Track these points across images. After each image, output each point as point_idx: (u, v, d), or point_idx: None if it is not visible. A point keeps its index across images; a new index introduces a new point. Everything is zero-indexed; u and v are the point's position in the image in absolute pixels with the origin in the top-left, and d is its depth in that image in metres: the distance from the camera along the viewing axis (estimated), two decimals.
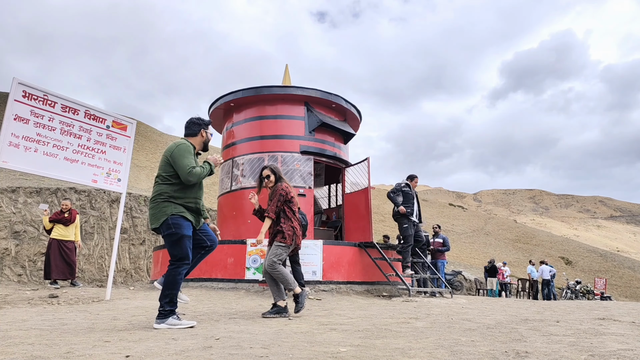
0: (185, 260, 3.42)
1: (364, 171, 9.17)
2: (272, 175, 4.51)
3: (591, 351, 2.25)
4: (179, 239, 3.38)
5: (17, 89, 5.06)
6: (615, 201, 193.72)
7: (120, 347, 2.29)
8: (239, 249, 7.83)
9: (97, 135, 5.80)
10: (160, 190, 3.48)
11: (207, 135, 3.74)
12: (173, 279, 3.35)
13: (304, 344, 2.47)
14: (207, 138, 3.74)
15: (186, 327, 3.24)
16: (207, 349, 2.25)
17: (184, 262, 3.42)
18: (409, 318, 4.09)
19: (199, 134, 3.69)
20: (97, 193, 13.81)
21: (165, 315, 3.27)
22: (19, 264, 11.40)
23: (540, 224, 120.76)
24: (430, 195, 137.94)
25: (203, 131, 3.72)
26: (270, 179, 4.51)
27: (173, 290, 3.35)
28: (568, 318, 4.31)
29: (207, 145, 3.77)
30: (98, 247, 13.13)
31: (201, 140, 3.71)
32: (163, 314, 3.28)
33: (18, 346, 2.27)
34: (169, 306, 3.30)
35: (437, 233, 10.84)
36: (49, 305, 5.07)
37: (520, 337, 2.81)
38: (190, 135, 3.69)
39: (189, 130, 3.70)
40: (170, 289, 3.34)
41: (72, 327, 3.20)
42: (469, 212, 62.12)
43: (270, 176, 4.51)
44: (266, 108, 9.79)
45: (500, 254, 39.78)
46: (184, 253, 3.42)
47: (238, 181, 9.50)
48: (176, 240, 3.38)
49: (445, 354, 2.17)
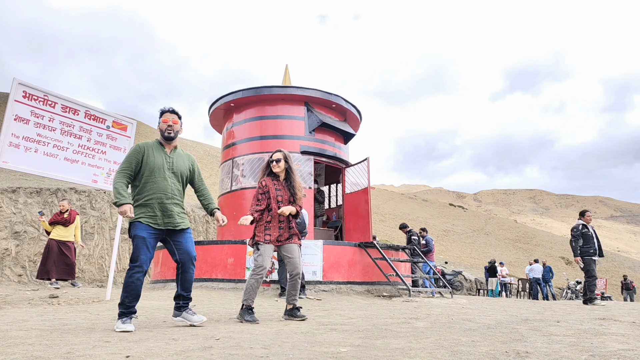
0: (136, 263, 3.21)
1: (364, 171, 9.17)
2: (282, 161, 4.03)
3: (592, 351, 2.24)
4: (132, 238, 3.28)
5: (18, 90, 5.06)
6: (615, 201, 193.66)
7: (121, 347, 2.29)
8: (239, 249, 7.83)
9: (98, 135, 5.80)
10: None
11: (160, 124, 3.52)
12: (125, 282, 3.22)
13: (304, 344, 2.47)
14: (160, 127, 3.52)
15: (120, 330, 3.03)
16: (208, 349, 2.25)
17: (135, 264, 3.22)
18: (409, 318, 4.09)
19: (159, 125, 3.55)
20: (97, 193, 13.81)
21: (119, 316, 3.19)
22: (19, 264, 11.40)
23: (540, 224, 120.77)
24: (430, 196, 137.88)
25: (160, 121, 3.54)
26: (280, 165, 4.02)
27: (125, 293, 3.20)
28: (568, 318, 4.30)
29: (163, 133, 3.51)
30: (98, 247, 13.13)
31: (159, 131, 3.55)
32: (119, 314, 3.21)
33: (18, 346, 2.27)
34: (120, 308, 3.20)
35: (423, 237, 11.27)
36: (49, 305, 5.07)
37: (521, 337, 2.81)
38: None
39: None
40: (124, 292, 3.21)
41: (73, 327, 3.20)
42: (469, 212, 62.12)
43: (281, 161, 4.02)
44: (266, 108, 9.80)
45: (501, 254, 39.78)
46: (134, 255, 3.23)
47: (238, 181, 9.50)
48: (132, 240, 3.30)
49: (446, 354, 2.17)
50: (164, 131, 3.51)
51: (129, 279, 3.20)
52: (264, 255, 3.86)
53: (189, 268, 3.45)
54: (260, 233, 3.94)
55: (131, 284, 3.20)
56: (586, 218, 7.98)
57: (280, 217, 4.00)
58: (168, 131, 3.49)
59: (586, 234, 7.77)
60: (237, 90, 9.97)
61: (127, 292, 3.20)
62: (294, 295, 3.98)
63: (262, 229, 3.96)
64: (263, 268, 3.83)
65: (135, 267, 3.20)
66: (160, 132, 3.54)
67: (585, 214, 8.08)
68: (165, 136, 3.51)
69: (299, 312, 3.94)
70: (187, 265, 3.43)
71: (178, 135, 3.59)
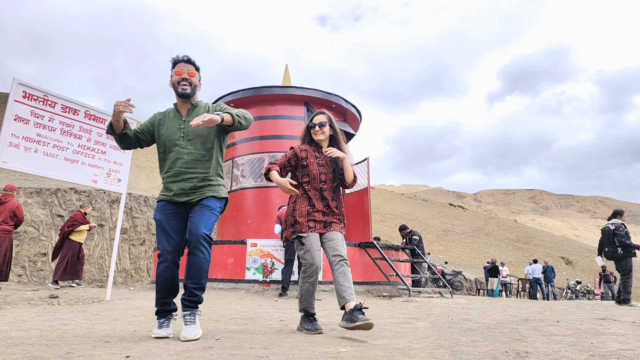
0: (160, 251, 2.72)
1: (364, 171, 9.17)
2: (327, 126, 3.12)
3: (592, 351, 2.24)
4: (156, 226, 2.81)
5: (18, 90, 5.06)
6: (615, 201, 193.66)
7: (121, 347, 2.29)
8: (239, 249, 7.83)
9: (97, 135, 5.80)
10: None
11: (173, 77, 2.83)
12: (156, 275, 2.74)
13: (304, 344, 2.47)
14: (173, 82, 2.83)
15: (155, 336, 2.62)
16: (208, 349, 2.25)
17: (159, 255, 2.74)
18: (410, 318, 4.09)
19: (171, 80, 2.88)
20: (97, 193, 13.81)
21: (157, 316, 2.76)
22: (19, 264, 11.40)
23: (540, 224, 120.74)
24: (430, 196, 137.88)
25: (172, 74, 2.85)
26: (324, 131, 3.11)
27: (156, 287, 2.74)
28: (568, 318, 4.30)
29: (177, 89, 2.81)
30: (98, 247, 13.12)
31: (172, 86, 2.86)
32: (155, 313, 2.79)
33: (18, 347, 2.27)
34: (156, 306, 2.77)
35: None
36: (49, 305, 5.07)
37: (521, 337, 2.81)
38: None
39: None
40: (156, 286, 2.76)
41: (72, 327, 3.20)
42: (469, 212, 62.11)
43: (326, 125, 3.10)
44: (266, 108, 9.80)
45: (501, 254, 39.78)
46: (158, 243, 2.76)
47: (238, 181, 9.50)
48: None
49: (446, 354, 2.16)
50: (177, 86, 2.80)
51: (157, 270, 2.74)
52: (312, 250, 2.92)
53: (194, 249, 2.62)
54: (302, 219, 2.98)
55: (158, 276, 2.71)
56: (624, 218, 8.15)
57: (325, 194, 3.04)
58: (183, 86, 2.80)
59: (628, 232, 7.92)
60: (237, 90, 9.98)
61: (157, 286, 2.74)
62: (348, 289, 2.85)
63: (302, 211, 2.99)
64: (314, 266, 2.91)
65: (159, 256, 2.74)
66: (174, 89, 2.83)
67: (623, 214, 8.24)
68: (179, 92, 2.81)
69: (363, 315, 2.70)
70: (192, 245, 2.63)
71: (197, 91, 2.89)
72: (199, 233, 2.63)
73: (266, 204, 9.08)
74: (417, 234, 10.70)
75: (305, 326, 2.98)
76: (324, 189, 3.04)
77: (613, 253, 7.83)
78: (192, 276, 2.66)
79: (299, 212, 3.00)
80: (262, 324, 3.52)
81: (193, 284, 2.67)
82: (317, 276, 2.96)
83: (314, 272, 2.93)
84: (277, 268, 7.51)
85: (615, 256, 7.83)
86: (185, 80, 2.79)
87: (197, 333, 2.58)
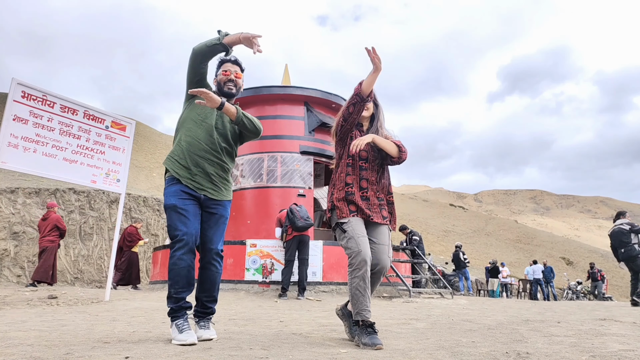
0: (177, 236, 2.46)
1: None
2: (371, 102, 2.82)
3: (592, 352, 2.23)
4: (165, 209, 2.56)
5: (16, 90, 5.05)
6: (616, 201, 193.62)
7: (120, 348, 2.28)
8: (238, 249, 7.82)
9: (96, 135, 5.79)
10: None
11: (219, 76, 2.79)
12: (170, 266, 2.48)
13: (304, 345, 2.46)
14: (219, 80, 2.78)
15: (179, 343, 2.36)
16: (207, 350, 2.24)
17: (174, 240, 2.47)
18: (410, 319, 4.08)
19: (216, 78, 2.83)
20: (96, 194, 13.80)
21: (170, 318, 2.51)
22: (18, 264, 11.39)
23: (541, 225, 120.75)
24: (430, 196, 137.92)
25: (219, 73, 2.81)
26: (369, 107, 2.80)
27: (169, 280, 2.48)
28: (569, 319, 4.29)
29: (222, 88, 2.75)
30: (97, 247, 13.11)
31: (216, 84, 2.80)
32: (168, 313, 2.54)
33: (17, 347, 2.26)
34: (168, 303, 2.51)
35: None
36: (48, 306, 5.06)
37: (521, 337, 2.80)
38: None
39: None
40: (168, 279, 2.49)
41: (72, 328, 3.19)
42: (469, 212, 62.13)
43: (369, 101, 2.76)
44: (266, 108, 9.79)
45: (501, 255, 39.79)
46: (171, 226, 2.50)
47: (237, 181, 9.49)
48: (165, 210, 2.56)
49: (446, 354, 2.15)
50: (223, 85, 2.75)
51: (170, 260, 2.47)
52: (356, 238, 2.46)
53: (208, 264, 2.59)
54: (341, 204, 2.60)
55: (173, 266, 2.45)
56: (628, 217, 8.06)
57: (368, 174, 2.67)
58: (229, 86, 2.75)
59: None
60: None
61: (171, 278, 2.47)
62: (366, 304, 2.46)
63: (340, 195, 2.62)
64: (360, 254, 2.42)
65: (176, 243, 2.45)
66: (218, 87, 2.78)
67: (626, 214, 8.15)
68: (224, 92, 2.74)
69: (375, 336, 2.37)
70: (206, 260, 2.59)
71: (239, 93, 2.85)
72: (216, 249, 2.65)
73: (266, 204, 9.06)
74: (417, 234, 10.69)
75: (362, 339, 2.38)
76: (364, 167, 2.69)
77: (631, 251, 7.65)
78: (205, 289, 2.65)
79: (338, 191, 2.66)
80: (261, 325, 3.51)
81: (206, 297, 2.66)
82: (367, 267, 2.43)
83: (362, 262, 2.41)
84: (277, 269, 7.50)
85: (632, 254, 7.65)
86: (232, 82, 2.77)
87: (213, 333, 2.62)
